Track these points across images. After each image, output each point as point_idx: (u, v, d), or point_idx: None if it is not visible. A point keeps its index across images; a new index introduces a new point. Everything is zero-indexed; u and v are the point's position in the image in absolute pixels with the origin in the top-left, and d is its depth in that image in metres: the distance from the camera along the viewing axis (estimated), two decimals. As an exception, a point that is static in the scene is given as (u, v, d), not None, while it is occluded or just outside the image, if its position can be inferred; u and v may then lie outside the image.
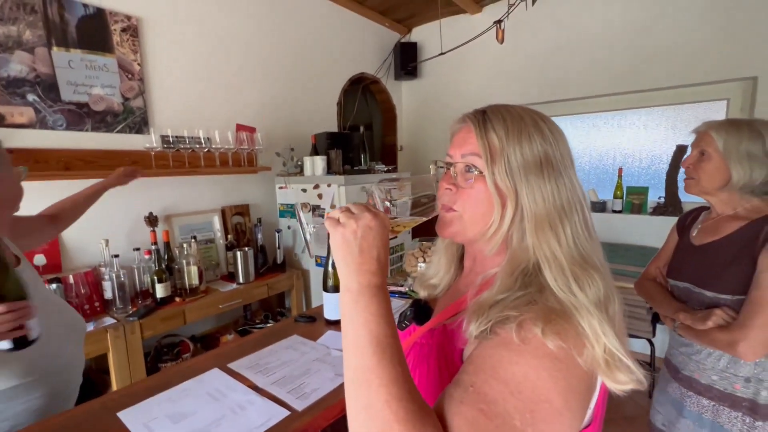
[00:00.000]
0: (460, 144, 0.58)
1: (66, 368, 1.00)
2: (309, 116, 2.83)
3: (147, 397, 0.90)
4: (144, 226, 1.92)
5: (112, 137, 1.86)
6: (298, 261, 2.56)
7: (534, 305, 0.46)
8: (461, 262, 0.70)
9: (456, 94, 3.35)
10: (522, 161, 0.52)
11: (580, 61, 2.71)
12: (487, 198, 0.54)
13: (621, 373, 0.44)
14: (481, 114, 0.56)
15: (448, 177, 0.59)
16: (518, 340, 0.43)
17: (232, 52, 2.32)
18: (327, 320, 1.28)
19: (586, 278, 0.48)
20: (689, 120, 2.55)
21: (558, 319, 0.44)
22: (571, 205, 0.52)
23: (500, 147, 0.53)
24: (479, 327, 0.46)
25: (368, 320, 0.44)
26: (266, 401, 0.86)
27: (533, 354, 0.42)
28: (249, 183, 2.50)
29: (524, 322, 0.44)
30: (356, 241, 0.47)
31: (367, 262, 0.47)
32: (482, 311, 0.48)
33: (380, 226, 0.48)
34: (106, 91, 1.83)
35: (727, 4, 2.20)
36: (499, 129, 0.53)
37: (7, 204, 0.93)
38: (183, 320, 1.82)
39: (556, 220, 0.51)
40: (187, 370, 1.02)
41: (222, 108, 2.30)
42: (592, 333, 0.43)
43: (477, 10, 3.07)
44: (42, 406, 0.91)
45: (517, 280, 0.50)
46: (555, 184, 0.52)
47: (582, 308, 0.45)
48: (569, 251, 0.50)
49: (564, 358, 0.42)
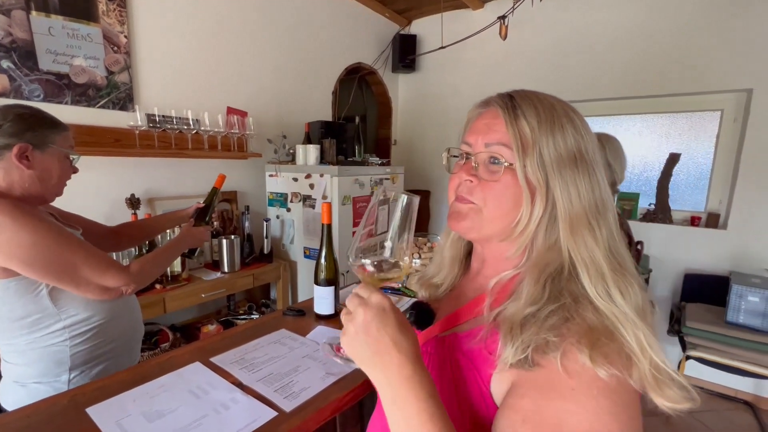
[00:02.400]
0: (483, 131, 0.52)
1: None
2: (303, 104, 2.75)
3: (121, 391, 0.83)
4: (125, 207, 1.83)
5: (93, 112, 1.75)
6: (285, 252, 2.49)
7: (572, 323, 0.41)
8: (466, 260, 0.65)
9: (453, 90, 3.30)
10: (555, 154, 0.47)
11: (580, 63, 2.69)
12: (515, 193, 0.49)
13: (671, 390, 0.40)
14: (509, 99, 0.51)
15: (468, 167, 0.53)
16: (567, 375, 0.39)
17: (226, 33, 2.22)
18: (317, 315, 1.22)
19: (626, 284, 0.43)
20: (683, 129, 2.57)
21: (602, 339, 0.40)
22: (605, 204, 0.48)
23: (532, 137, 0.47)
24: (516, 354, 0.41)
25: (410, 418, 0.41)
26: (251, 400, 0.81)
27: (588, 394, 0.38)
28: (238, 169, 2.41)
29: (569, 350, 0.40)
30: (364, 338, 0.44)
31: (385, 353, 0.43)
32: (515, 331, 0.43)
33: (378, 309, 0.44)
34: (88, 62, 1.72)
35: (726, 15, 2.21)
36: (531, 117, 0.48)
37: (44, 183, 0.98)
38: (163, 309, 1.74)
39: (592, 220, 0.46)
40: (166, 363, 0.95)
41: (213, 89, 2.20)
42: (638, 347, 0.40)
43: (479, 5, 3.02)
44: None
45: (545, 287, 0.45)
46: (589, 180, 0.47)
47: (626, 319, 0.41)
48: (607, 255, 0.46)
49: (617, 386, 0.39)
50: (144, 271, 1.09)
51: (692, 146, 2.54)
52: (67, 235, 0.96)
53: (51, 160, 0.98)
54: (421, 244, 1.40)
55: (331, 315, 1.22)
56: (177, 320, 2.11)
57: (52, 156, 0.98)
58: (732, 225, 2.31)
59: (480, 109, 0.55)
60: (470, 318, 0.54)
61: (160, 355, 1.01)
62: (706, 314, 2.10)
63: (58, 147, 0.99)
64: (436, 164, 3.47)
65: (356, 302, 0.46)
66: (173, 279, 1.84)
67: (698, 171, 2.54)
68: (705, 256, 2.39)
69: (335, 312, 1.23)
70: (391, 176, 2.60)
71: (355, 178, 2.31)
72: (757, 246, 2.25)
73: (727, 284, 2.02)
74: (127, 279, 1.02)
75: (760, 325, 1.90)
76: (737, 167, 2.30)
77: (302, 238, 2.38)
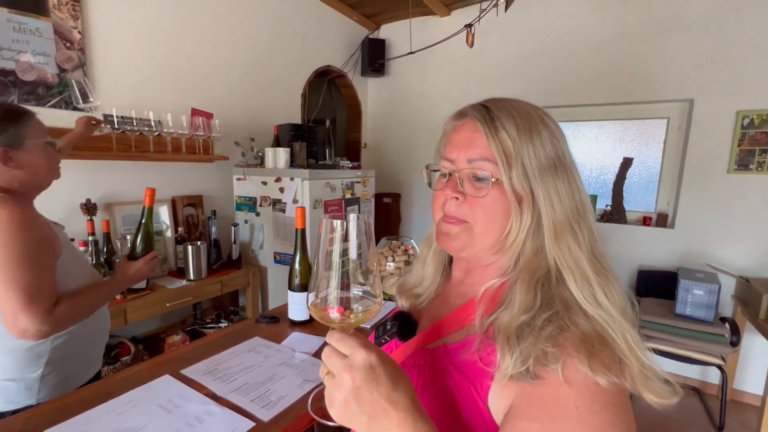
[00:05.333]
0: (464, 145, 0.51)
1: None
2: (271, 106, 2.69)
3: (82, 410, 0.78)
4: (80, 214, 1.71)
5: (43, 112, 1.62)
6: (255, 257, 2.42)
7: (568, 332, 0.42)
8: (448, 268, 0.64)
9: (422, 94, 3.36)
10: (536, 162, 0.48)
11: (542, 72, 2.82)
12: (503, 206, 0.49)
13: (657, 385, 0.42)
14: (485, 110, 0.51)
15: (452, 185, 0.52)
16: (569, 387, 0.39)
17: (191, 31, 2.14)
18: (292, 321, 1.21)
19: (609, 286, 0.45)
20: (635, 135, 2.75)
21: (598, 346, 0.41)
22: (585, 206, 0.50)
23: (514, 148, 0.47)
24: (516, 366, 0.41)
25: None
26: (227, 411, 0.78)
27: (592, 411, 0.39)
28: (203, 172, 2.32)
29: (569, 361, 0.40)
30: (357, 407, 0.39)
31: (383, 416, 0.38)
32: (513, 341, 0.42)
33: (366, 369, 0.39)
34: (38, 59, 1.60)
35: (670, 31, 2.39)
36: (510, 127, 0.48)
37: (37, 177, 0.97)
38: (124, 320, 1.64)
39: (574, 224, 0.48)
40: (132, 377, 0.91)
41: (176, 90, 2.11)
42: (627, 347, 0.41)
43: (446, 13, 3.10)
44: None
45: (536, 295, 0.45)
46: (569, 184, 0.49)
47: (613, 321, 0.42)
48: (589, 257, 0.47)
49: (617, 395, 0.40)
50: (68, 319, 0.94)
51: (643, 151, 2.73)
52: (33, 253, 0.89)
53: (33, 153, 0.96)
54: (395, 247, 1.42)
55: (306, 321, 1.20)
56: (139, 331, 2.00)
57: (32, 150, 0.96)
58: (678, 224, 2.50)
59: (456, 121, 0.54)
60: (458, 328, 0.53)
61: (126, 369, 0.96)
62: (658, 307, 2.25)
63: (35, 139, 0.96)
64: (406, 167, 3.51)
65: (339, 365, 0.40)
66: (134, 288, 1.74)
67: (649, 174, 2.73)
68: (656, 253, 2.57)
69: (310, 318, 1.21)
70: (363, 179, 2.61)
71: (327, 181, 2.29)
72: (701, 243, 2.45)
73: (675, 279, 2.18)
74: (39, 325, 0.86)
75: (704, 316, 2.06)
76: (682, 171, 2.49)
77: (273, 242, 2.33)
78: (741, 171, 2.30)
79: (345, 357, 0.40)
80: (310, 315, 1.20)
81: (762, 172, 2.25)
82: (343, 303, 0.44)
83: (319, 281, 0.45)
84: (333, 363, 0.40)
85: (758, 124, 2.24)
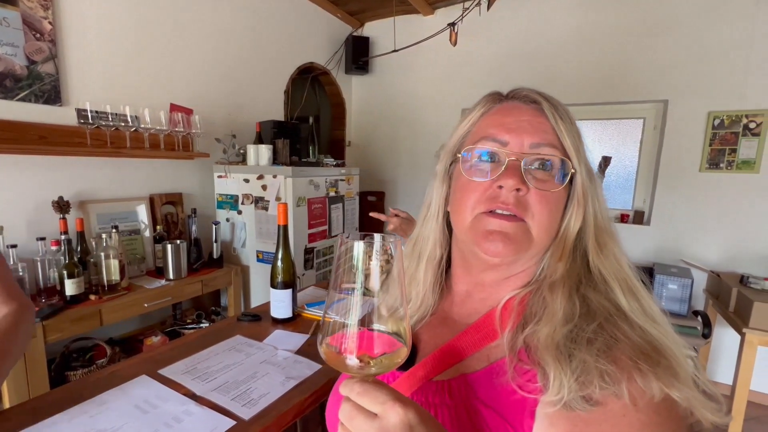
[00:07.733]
0: (525, 129, 0.43)
1: None
2: (253, 103, 2.65)
3: (54, 413, 0.75)
4: (51, 212, 1.65)
5: (11, 105, 1.56)
6: (237, 256, 2.38)
7: (621, 344, 0.36)
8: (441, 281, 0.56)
9: (406, 93, 3.37)
10: (587, 160, 0.44)
11: (524, 73, 2.86)
12: (562, 204, 0.44)
13: (711, 403, 0.35)
14: (542, 96, 0.46)
15: (514, 172, 0.42)
16: (635, 410, 0.33)
17: (170, 25, 2.09)
18: (274, 318, 1.19)
19: (648, 295, 0.41)
20: (613, 134, 2.82)
21: (657, 357, 0.35)
22: (610, 216, 0.47)
23: (579, 141, 0.43)
24: (571, 391, 0.33)
25: None
26: (207, 411, 0.76)
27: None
28: (183, 170, 2.27)
29: (631, 378, 0.34)
30: None
31: None
32: (563, 357, 0.35)
33: (402, 425, 0.30)
34: (5, 49, 1.53)
35: (646, 33, 2.46)
36: (571, 120, 0.44)
37: None
38: (99, 321, 1.59)
39: (612, 230, 0.44)
40: (106, 378, 0.88)
41: (155, 85, 2.05)
42: (683, 361, 0.36)
43: (429, 12, 3.11)
44: None
45: (575, 302, 0.40)
46: (601, 188, 0.45)
47: (668, 334, 0.38)
48: (629, 265, 0.43)
49: (682, 415, 0.34)
50: None
51: (621, 150, 2.80)
52: None
53: None
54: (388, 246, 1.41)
55: (288, 318, 1.19)
56: (116, 333, 1.94)
57: None
58: (654, 221, 2.58)
59: (497, 103, 0.47)
60: (475, 351, 0.44)
61: (99, 371, 0.93)
62: (635, 302, 2.32)
63: None
64: (391, 165, 3.51)
65: (365, 429, 0.30)
66: (110, 289, 1.69)
67: (626, 173, 2.81)
68: (634, 249, 2.64)
69: (293, 315, 1.20)
70: (347, 177, 2.59)
71: (310, 179, 2.27)
72: (675, 240, 2.53)
73: (652, 274, 2.25)
74: None
75: (679, 309, 2.13)
76: (657, 170, 2.57)
77: (255, 241, 2.29)
78: (712, 170, 2.39)
79: (374, 416, 0.31)
80: (292, 312, 1.19)
81: (731, 170, 2.35)
82: (363, 345, 0.35)
83: (332, 318, 0.36)
84: (358, 426, 0.31)
85: (728, 125, 2.33)
